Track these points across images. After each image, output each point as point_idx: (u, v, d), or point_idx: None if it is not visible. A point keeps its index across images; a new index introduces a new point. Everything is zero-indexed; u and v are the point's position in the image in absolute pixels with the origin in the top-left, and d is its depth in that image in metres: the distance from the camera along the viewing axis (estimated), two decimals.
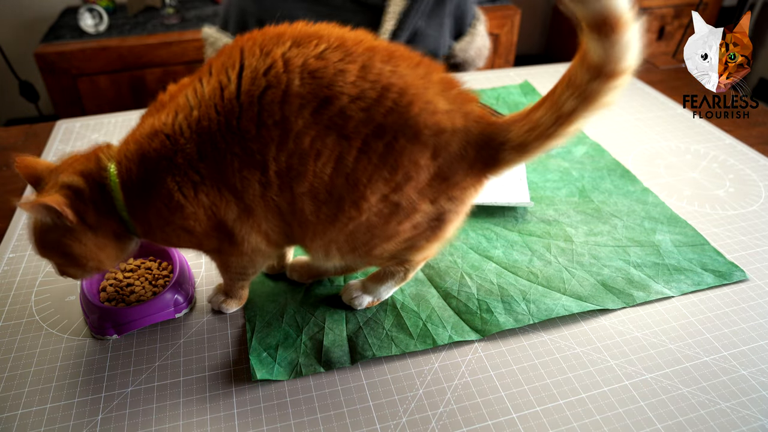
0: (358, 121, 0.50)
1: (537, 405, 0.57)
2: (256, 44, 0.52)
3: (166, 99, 0.57)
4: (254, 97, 0.51)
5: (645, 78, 1.28)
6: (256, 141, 0.51)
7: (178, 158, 0.53)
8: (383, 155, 0.51)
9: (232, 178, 0.53)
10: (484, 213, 0.83)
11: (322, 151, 0.51)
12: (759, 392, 0.58)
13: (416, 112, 0.50)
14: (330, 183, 0.52)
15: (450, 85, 0.53)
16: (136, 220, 0.56)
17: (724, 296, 0.70)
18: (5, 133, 1.07)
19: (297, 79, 0.50)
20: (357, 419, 0.56)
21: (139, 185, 0.54)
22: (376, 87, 0.50)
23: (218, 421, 0.55)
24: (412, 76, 0.51)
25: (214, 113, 0.52)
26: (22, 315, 0.68)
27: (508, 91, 1.20)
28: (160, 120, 0.54)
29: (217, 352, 0.63)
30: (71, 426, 0.55)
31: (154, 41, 2.06)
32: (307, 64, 0.50)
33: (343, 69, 0.50)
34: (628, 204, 0.85)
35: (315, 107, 0.50)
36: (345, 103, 0.50)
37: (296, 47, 0.51)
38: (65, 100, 2.09)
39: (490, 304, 0.67)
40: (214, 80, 0.53)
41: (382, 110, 0.50)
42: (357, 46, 0.51)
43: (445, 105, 0.52)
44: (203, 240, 0.58)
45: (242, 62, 0.52)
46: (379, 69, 0.50)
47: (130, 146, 0.55)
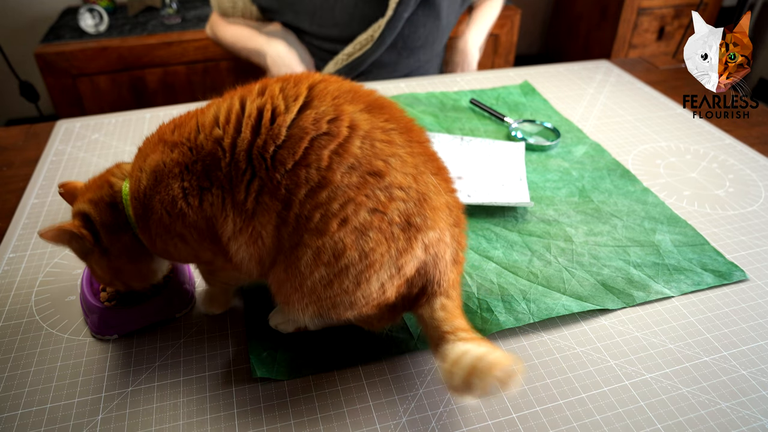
0: (397, 208, 0.52)
1: (537, 405, 0.57)
2: (328, 93, 0.53)
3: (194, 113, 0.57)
4: (307, 136, 0.51)
5: (645, 78, 1.28)
6: (288, 176, 0.51)
7: (197, 166, 0.53)
8: (401, 250, 0.52)
9: (242, 194, 0.52)
10: (484, 213, 0.83)
11: (350, 220, 0.50)
12: (759, 392, 0.58)
13: (436, 234, 0.54)
14: (342, 252, 0.51)
15: (459, 222, 0.58)
16: (142, 231, 0.57)
17: (724, 296, 0.70)
18: (5, 133, 1.07)
19: (358, 140, 0.51)
20: (357, 419, 0.56)
21: (147, 194, 0.55)
22: (420, 191, 0.53)
23: (218, 421, 0.56)
24: (443, 202, 0.55)
25: (249, 133, 0.52)
26: (22, 315, 0.68)
27: (508, 91, 1.20)
28: (183, 136, 0.55)
29: (217, 352, 0.63)
30: (71, 426, 0.55)
31: (155, 41, 2.06)
32: (372, 133, 0.52)
33: (403, 157, 0.53)
34: (628, 204, 0.85)
35: (363, 174, 0.51)
36: (393, 184, 0.51)
37: (367, 113, 0.53)
38: (65, 100, 2.09)
39: (491, 303, 0.67)
40: (265, 102, 0.53)
41: (417, 212, 0.53)
42: (419, 145, 0.55)
43: (450, 239, 0.56)
44: (199, 252, 0.57)
45: (307, 100, 0.52)
46: (428, 179, 0.54)
47: (147, 158, 0.56)
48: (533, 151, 0.99)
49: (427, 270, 0.55)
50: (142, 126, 1.08)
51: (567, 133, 1.04)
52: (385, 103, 0.55)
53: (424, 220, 0.53)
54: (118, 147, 1.02)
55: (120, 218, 0.58)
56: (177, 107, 1.14)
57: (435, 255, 0.55)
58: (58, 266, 0.75)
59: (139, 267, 0.61)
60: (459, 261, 0.60)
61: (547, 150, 1.00)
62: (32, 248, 0.78)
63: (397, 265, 0.53)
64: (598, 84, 1.25)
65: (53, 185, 0.91)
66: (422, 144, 0.56)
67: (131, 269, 0.61)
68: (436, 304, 0.56)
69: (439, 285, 0.56)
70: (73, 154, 1.00)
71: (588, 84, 1.25)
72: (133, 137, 1.05)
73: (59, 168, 0.95)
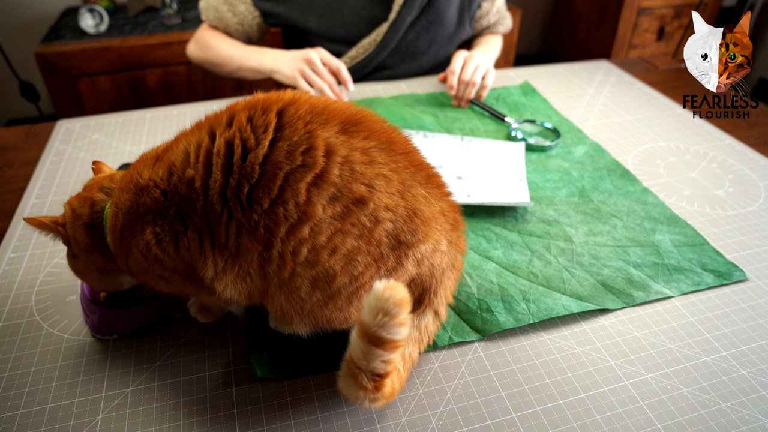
0: (385, 229, 0.51)
1: (537, 405, 0.57)
2: (299, 118, 0.50)
3: (169, 145, 0.55)
4: (281, 171, 0.48)
5: (645, 78, 1.28)
6: (266, 216, 0.49)
7: (170, 211, 0.51)
8: (391, 269, 0.53)
9: (222, 237, 0.51)
10: (484, 213, 0.83)
11: (339, 248, 0.50)
12: (759, 392, 0.58)
13: (430, 245, 0.54)
14: (334, 277, 0.51)
15: (456, 225, 0.58)
16: (122, 264, 0.57)
17: (724, 296, 0.70)
18: (5, 133, 1.07)
19: (336, 168, 0.49)
20: (357, 419, 0.56)
21: (124, 234, 0.54)
22: (409, 207, 0.52)
23: (218, 421, 0.56)
24: (436, 210, 0.55)
25: (220, 174, 0.49)
26: (22, 315, 0.68)
27: (508, 91, 1.20)
28: (157, 174, 0.52)
29: (217, 352, 0.63)
30: (71, 426, 0.55)
31: (155, 41, 2.06)
32: (351, 156, 0.49)
33: (387, 176, 0.51)
34: (628, 204, 0.85)
35: (347, 203, 0.49)
36: (378, 207, 0.50)
37: (343, 134, 0.50)
38: (66, 100, 2.09)
39: (491, 303, 0.67)
40: (233, 135, 0.50)
41: (406, 229, 0.52)
42: (404, 156, 0.53)
43: (446, 246, 0.56)
44: (183, 289, 0.57)
45: (278, 130, 0.49)
46: (416, 191, 0.52)
47: (124, 195, 0.54)
48: (533, 151, 0.99)
49: (423, 280, 0.56)
50: (142, 126, 1.08)
51: (567, 133, 1.04)
52: (361, 117, 0.52)
53: (414, 236, 0.52)
54: (118, 147, 1.02)
55: (97, 240, 0.57)
56: (177, 107, 1.15)
57: (430, 266, 0.55)
58: (58, 266, 0.75)
59: (103, 278, 0.61)
60: (457, 266, 0.60)
61: (547, 150, 1.00)
62: (32, 248, 0.78)
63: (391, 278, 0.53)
64: (598, 84, 1.25)
65: (53, 185, 0.91)
66: (407, 155, 0.54)
67: (96, 278, 0.61)
68: (422, 320, 0.59)
69: (435, 294, 0.57)
70: (74, 154, 1.00)
71: (588, 84, 1.25)
72: (133, 137, 1.05)
73: (59, 168, 0.95)
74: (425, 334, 0.60)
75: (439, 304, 0.60)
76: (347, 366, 0.51)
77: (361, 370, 0.49)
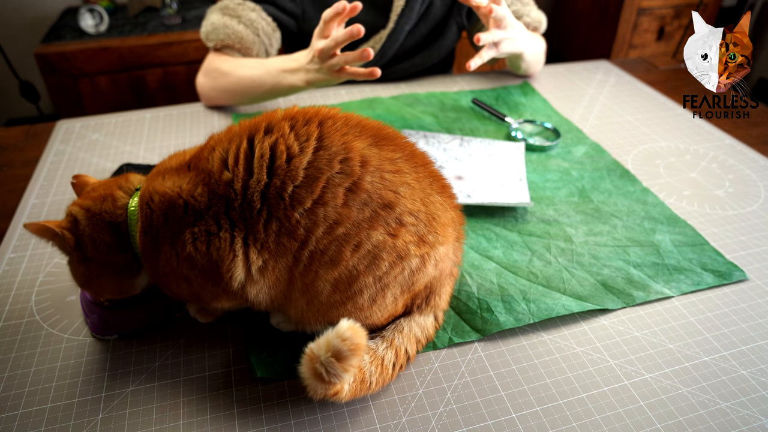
0: (408, 232, 0.55)
1: (537, 405, 0.57)
2: (337, 131, 0.55)
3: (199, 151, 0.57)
4: (323, 176, 0.53)
5: (645, 78, 1.28)
6: (307, 215, 0.53)
7: (210, 211, 0.54)
8: (415, 270, 0.57)
9: (261, 235, 0.53)
10: (484, 213, 0.83)
11: (363, 244, 0.54)
12: (759, 392, 0.58)
13: (445, 249, 0.59)
14: (357, 276, 0.55)
15: (459, 236, 0.63)
16: (148, 265, 0.57)
17: (724, 296, 0.70)
18: (5, 133, 1.07)
19: (369, 176, 0.54)
20: (357, 419, 0.56)
21: (158, 232, 0.55)
22: (429, 212, 0.57)
23: (218, 420, 0.56)
24: (450, 217, 0.59)
25: (265, 175, 0.53)
26: (22, 315, 0.68)
27: (508, 91, 1.20)
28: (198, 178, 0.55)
29: (217, 351, 0.63)
30: (71, 426, 0.55)
31: (155, 41, 2.06)
32: (381, 166, 0.55)
33: (411, 184, 0.56)
34: (628, 204, 0.85)
35: (375, 208, 0.54)
36: (403, 212, 0.55)
37: (375, 147, 0.56)
38: (66, 100, 2.09)
39: (491, 303, 0.67)
40: (277, 141, 0.54)
41: (427, 231, 0.56)
42: (423, 167, 0.58)
43: (452, 254, 0.61)
44: (201, 293, 0.57)
45: (320, 140, 0.54)
46: (434, 199, 0.58)
47: (157, 195, 0.55)
48: (533, 151, 0.99)
49: (433, 282, 0.60)
50: (142, 126, 1.08)
51: (567, 133, 1.04)
52: (388, 132, 0.59)
53: (435, 237, 0.57)
54: (118, 147, 1.02)
55: (120, 240, 0.58)
56: (177, 107, 1.15)
57: (441, 270, 0.60)
58: (59, 266, 0.75)
59: (120, 281, 0.60)
60: (454, 275, 0.64)
61: (547, 150, 1.00)
62: (32, 248, 0.78)
63: (409, 282, 0.57)
64: (598, 84, 1.25)
65: (53, 185, 0.91)
66: (426, 166, 0.59)
67: (110, 282, 0.60)
68: (425, 321, 0.62)
69: (440, 296, 0.62)
70: (74, 154, 1.00)
71: (588, 84, 1.25)
72: (133, 137, 1.05)
73: (59, 168, 0.95)
74: (424, 337, 0.62)
75: (440, 308, 0.63)
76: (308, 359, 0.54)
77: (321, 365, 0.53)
